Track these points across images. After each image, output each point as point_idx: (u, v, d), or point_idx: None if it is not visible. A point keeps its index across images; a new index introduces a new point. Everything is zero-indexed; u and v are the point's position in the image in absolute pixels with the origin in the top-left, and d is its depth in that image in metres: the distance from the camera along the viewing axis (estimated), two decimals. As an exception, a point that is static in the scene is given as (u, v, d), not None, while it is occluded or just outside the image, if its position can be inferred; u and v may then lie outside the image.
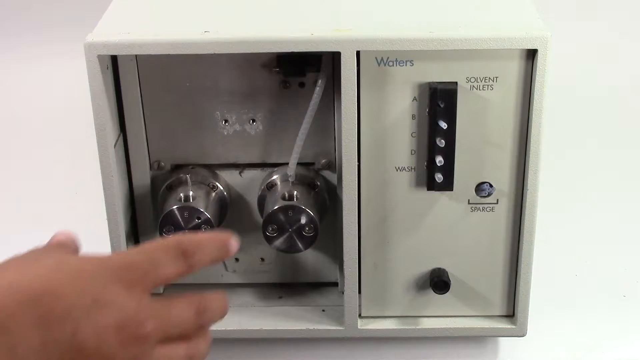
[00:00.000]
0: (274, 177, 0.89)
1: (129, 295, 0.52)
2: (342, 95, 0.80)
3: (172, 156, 0.89)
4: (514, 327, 0.89)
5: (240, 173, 0.91)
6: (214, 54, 0.80)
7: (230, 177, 0.91)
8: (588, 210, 1.18)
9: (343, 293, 0.88)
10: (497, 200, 0.85)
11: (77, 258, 0.56)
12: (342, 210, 0.85)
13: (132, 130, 0.87)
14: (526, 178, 0.83)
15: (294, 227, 0.86)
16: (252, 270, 0.95)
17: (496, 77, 0.80)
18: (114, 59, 0.84)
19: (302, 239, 0.86)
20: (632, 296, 1.02)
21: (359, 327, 0.89)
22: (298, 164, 0.88)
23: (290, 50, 0.78)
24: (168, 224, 0.86)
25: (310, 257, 0.94)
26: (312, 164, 0.90)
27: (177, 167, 0.90)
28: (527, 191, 0.83)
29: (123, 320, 0.52)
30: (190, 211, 0.86)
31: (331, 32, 0.78)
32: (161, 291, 0.94)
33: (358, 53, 0.79)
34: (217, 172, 0.90)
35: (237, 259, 0.94)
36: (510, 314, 0.90)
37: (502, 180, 0.84)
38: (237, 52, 0.78)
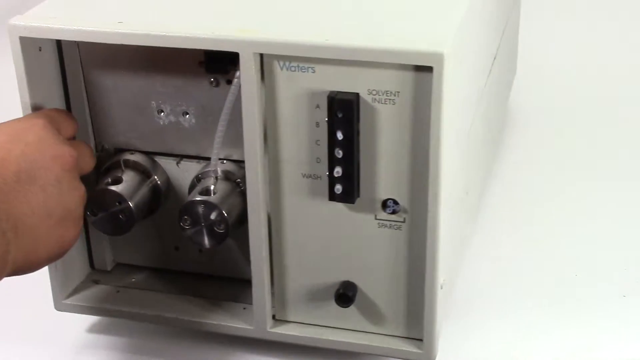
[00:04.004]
0: (206, 170, 0.91)
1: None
2: (242, 98, 0.80)
3: (115, 140, 0.92)
4: (419, 351, 0.86)
5: (177, 164, 0.92)
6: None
7: (169, 166, 0.93)
8: (588, 210, 1.18)
9: (260, 293, 0.88)
10: (404, 219, 0.82)
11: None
12: (256, 212, 0.85)
13: (76, 114, 0.91)
14: (427, 200, 0.80)
15: (205, 222, 0.87)
16: (191, 259, 0.97)
17: (397, 92, 0.78)
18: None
19: (212, 235, 0.87)
20: (632, 296, 1.02)
21: (268, 330, 0.89)
22: (232, 160, 0.89)
23: (192, 47, 0.79)
24: (91, 206, 0.89)
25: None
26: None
27: (120, 151, 0.93)
28: (428, 213, 0.80)
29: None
30: (111, 195, 0.88)
31: (232, 32, 0.78)
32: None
33: (262, 56, 0.79)
34: (157, 159, 0.92)
35: (176, 248, 0.96)
36: (419, 337, 0.86)
37: (407, 199, 0.81)
38: (143, 44, 0.80)
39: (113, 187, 0.89)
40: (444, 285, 0.85)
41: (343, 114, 0.78)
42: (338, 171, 0.80)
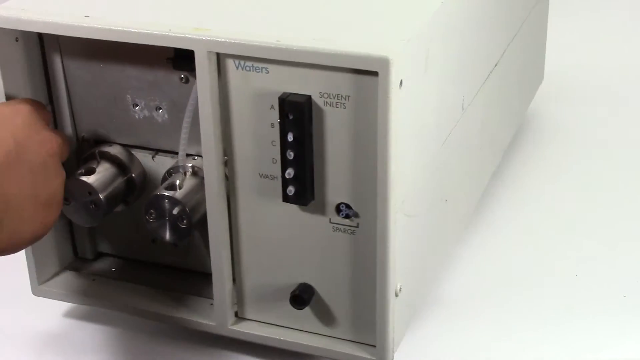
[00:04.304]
0: (176, 165, 0.91)
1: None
2: (198, 95, 0.80)
3: (93, 131, 0.94)
4: (372, 358, 0.85)
5: (153, 157, 0.93)
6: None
7: (145, 160, 0.94)
8: (588, 210, 1.18)
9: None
10: (358, 224, 0.82)
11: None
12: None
13: (57, 103, 0.93)
14: (377, 207, 0.79)
15: (169, 217, 0.87)
16: (167, 253, 0.98)
17: (348, 96, 0.77)
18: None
19: (175, 230, 0.88)
20: (632, 296, 1.02)
21: (228, 327, 0.89)
22: (201, 157, 0.89)
23: (150, 44, 0.80)
24: (64, 195, 0.90)
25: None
26: (216, 158, 0.90)
27: (99, 142, 0.94)
28: (377, 219, 0.79)
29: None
30: (82, 186, 0.90)
31: (187, 30, 0.79)
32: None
33: (218, 55, 0.79)
34: (133, 153, 0.94)
35: (153, 241, 0.98)
36: (372, 344, 0.86)
37: (360, 204, 0.81)
38: (105, 39, 0.81)
39: (84, 178, 0.90)
40: (400, 292, 0.84)
41: (294, 115, 0.78)
42: (290, 173, 0.80)
